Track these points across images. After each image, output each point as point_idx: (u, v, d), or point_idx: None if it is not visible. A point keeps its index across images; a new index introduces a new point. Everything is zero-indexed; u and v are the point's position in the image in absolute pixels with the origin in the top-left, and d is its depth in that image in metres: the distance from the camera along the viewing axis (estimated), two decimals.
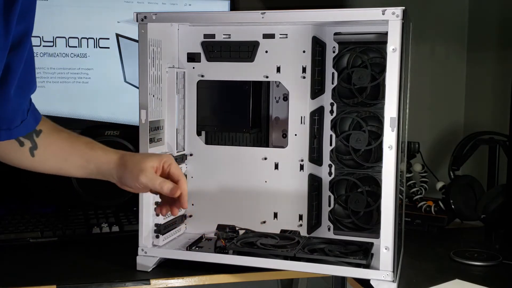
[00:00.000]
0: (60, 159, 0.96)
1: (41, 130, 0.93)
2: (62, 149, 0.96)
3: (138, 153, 1.05)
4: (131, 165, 0.97)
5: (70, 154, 0.96)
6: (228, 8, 1.58)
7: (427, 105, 1.77)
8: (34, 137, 0.92)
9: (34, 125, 0.91)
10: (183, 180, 0.98)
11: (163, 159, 0.99)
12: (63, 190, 1.51)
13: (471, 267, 1.16)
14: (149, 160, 0.97)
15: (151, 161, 0.97)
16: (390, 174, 0.98)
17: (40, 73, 1.48)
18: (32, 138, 0.92)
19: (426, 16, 1.76)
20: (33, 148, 0.92)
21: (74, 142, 0.97)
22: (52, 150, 0.95)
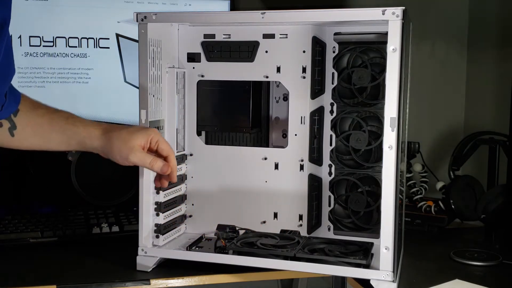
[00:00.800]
0: (40, 137, 0.95)
1: (18, 110, 0.91)
2: (41, 127, 0.94)
3: (122, 128, 0.99)
4: (118, 144, 0.96)
5: (50, 132, 0.95)
6: (228, 8, 1.58)
7: (427, 105, 1.77)
8: (12, 117, 0.91)
9: (14, 106, 0.89)
10: (172, 156, 0.99)
11: (150, 135, 0.98)
12: (63, 190, 1.51)
13: (471, 267, 1.16)
14: (136, 137, 0.96)
15: (138, 139, 0.96)
16: (390, 174, 0.98)
17: (40, 73, 1.48)
18: (10, 118, 0.90)
19: (426, 16, 1.76)
20: (12, 128, 0.91)
21: (53, 119, 0.94)
22: (31, 129, 0.93)
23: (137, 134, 0.97)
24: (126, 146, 0.96)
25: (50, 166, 1.54)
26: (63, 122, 0.95)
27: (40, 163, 1.55)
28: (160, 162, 0.98)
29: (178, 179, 1.18)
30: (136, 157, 0.96)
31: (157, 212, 1.12)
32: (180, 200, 1.21)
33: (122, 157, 0.96)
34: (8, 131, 0.91)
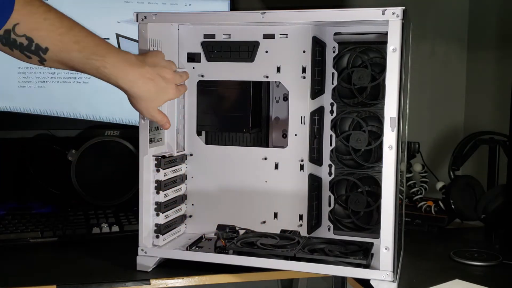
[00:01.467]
0: (68, 67, 0.95)
1: (47, 48, 0.89)
2: (72, 67, 0.94)
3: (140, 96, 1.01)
4: (139, 109, 1.04)
5: (82, 72, 0.96)
6: (228, 8, 1.58)
7: (427, 105, 1.77)
8: (40, 54, 0.89)
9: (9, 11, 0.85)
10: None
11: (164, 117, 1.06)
12: (63, 190, 1.52)
13: (471, 267, 1.16)
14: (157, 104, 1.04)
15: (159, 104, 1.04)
16: (390, 174, 0.98)
17: (40, 73, 1.48)
18: (38, 54, 0.89)
19: (426, 16, 1.76)
20: (42, 61, 0.91)
21: (86, 65, 0.93)
22: (62, 65, 0.93)
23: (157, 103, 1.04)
24: (147, 115, 1.05)
25: (50, 166, 1.54)
26: (95, 71, 0.95)
27: (40, 163, 1.55)
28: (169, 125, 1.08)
29: (178, 179, 1.19)
30: (157, 120, 1.06)
31: (157, 212, 1.12)
32: (180, 200, 1.21)
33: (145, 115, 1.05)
34: (38, 63, 0.91)
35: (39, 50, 0.89)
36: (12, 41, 0.87)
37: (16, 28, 0.86)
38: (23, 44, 0.88)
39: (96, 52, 0.93)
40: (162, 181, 1.12)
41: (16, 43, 0.88)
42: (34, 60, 0.90)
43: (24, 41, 0.88)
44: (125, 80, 0.97)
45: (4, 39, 0.87)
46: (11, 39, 0.87)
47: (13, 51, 0.89)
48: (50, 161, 1.53)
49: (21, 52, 0.89)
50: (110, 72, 0.95)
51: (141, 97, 1.00)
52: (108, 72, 0.95)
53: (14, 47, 0.88)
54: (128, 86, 0.98)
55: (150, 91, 1.00)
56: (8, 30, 0.86)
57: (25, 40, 0.88)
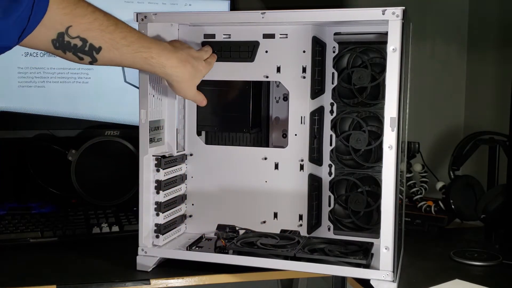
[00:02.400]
0: (118, 66, 1.00)
1: (100, 47, 0.91)
2: (121, 63, 0.97)
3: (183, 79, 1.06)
4: (182, 92, 1.09)
5: (128, 66, 1.00)
6: (228, 8, 1.58)
7: (427, 105, 1.77)
8: (94, 54, 0.92)
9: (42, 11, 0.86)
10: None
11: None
12: (63, 191, 1.51)
13: (471, 267, 1.16)
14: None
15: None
16: (390, 174, 0.98)
17: (40, 73, 1.48)
18: (91, 54, 0.92)
19: (426, 16, 1.76)
20: (93, 61, 0.93)
21: (135, 58, 0.97)
22: (111, 63, 0.97)
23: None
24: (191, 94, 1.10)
25: (50, 166, 1.54)
26: (143, 62, 0.98)
27: (40, 163, 1.55)
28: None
29: (178, 179, 1.19)
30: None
31: (157, 212, 1.12)
32: (180, 200, 1.21)
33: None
34: (88, 63, 0.94)
35: (93, 50, 0.91)
36: (66, 43, 0.89)
37: (69, 30, 0.88)
38: (77, 46, 0.90)
39: (142, 44, 0.97)
40: (162, 181, 1.12)
41: (70, 45, 0.89)
42: (85, 61, 0.93)
43: (78, 42, 0.89)
44: (170, 67, 1.01)
45: (58, 43, 0.88)
46: (65, 42, 0.88)
47: (66, 53, 0.90)
48: (50, 161, 1.53)
49: (74, 53, 0.91)
50: (156, 61, 0.99)
51: (184, 79, 1.05)
52: (155, 62, 0.99)
53: (67, 49, 0.90)
54: (173, 71, 1.02)
55: (190, 72, 1.05)
56: (62, 33, 0.87)
57: (79, 41, 0.89)
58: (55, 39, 0.87)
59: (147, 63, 0.99)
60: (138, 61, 0.98)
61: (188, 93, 1.09)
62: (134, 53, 0.96)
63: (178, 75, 1.03)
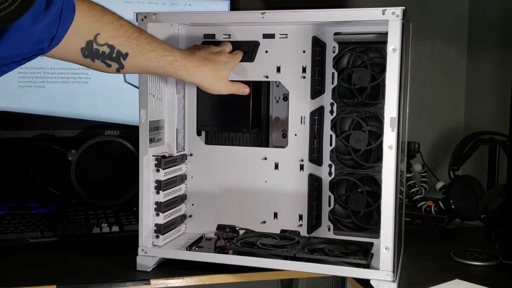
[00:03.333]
0: (143, 72, 1.04)
1: (128, 53, 0.94)
2: (147, 68, 1.00)
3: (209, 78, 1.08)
4: (216, 90, 1.10)
5: (154, 71, 1.02)
6: (228, 8, 1.58)
7: (427, 105, 1.77)
8: (121, 60, 0.94)
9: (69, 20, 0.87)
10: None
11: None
12: (63, 191, 1.51)
13: (471, 267, 1.16)
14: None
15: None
16: (390, 174, 0.98)
17: (40, 73, 1.48)
18: (119, 60, 0.94)
19: (426, 16, 1.76)
20: (120, 68, 0.95)
21: (160, 63, 0.99)
22: (137, 69, 1.00)
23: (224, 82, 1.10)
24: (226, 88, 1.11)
25: (50, 166, 1.54)
26: (168, 66, 1.01)
27: (40, 163, 1.55)
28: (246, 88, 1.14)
29: (178, 179, 1.19)
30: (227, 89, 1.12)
31: (157, 212, 1.12)
32: (180, 200, 1.21)
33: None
34: (115, 70, 0.96)
35: (120, 57, 0.94)
36: (94, 51, 0.91)
37: (97, 38, 0.90)
38: (105, 53, 0.92)
39: (165, 49, 1.00)
40: (162, 181, 1.12)
41: (98, 53, 0.91)
42: (113, 68, 0.95)
43: (106, 49, 0.92)
44: (193, 67, 1.03)
45: (87, 51, 0.90)
46: (93, 50, 0.91)
47: (95, 61, 0.92)
48: (50, 161, 1.53)
49: (103, 61, 0.93)
50: (180, 64, 1.02)
51: (209, 76, 1.06)
52: (179, 64, 1.01)
53: (96, 57, 0.92)
54: (196, 71, 1.04)
55: (213, 67, 1.06)
56: (90, 41, 0.90)
57: (107, 48, 0.92)
58: (84, 47, 0.90)
59: (173, 67, 1.01)
60: (164, 65, 1.00)
61: (221, 88, 1.10)
62: (159, 58, 0.99)
63: (202, 73, 1.05)
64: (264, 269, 1.07)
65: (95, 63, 0.92)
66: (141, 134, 1.10)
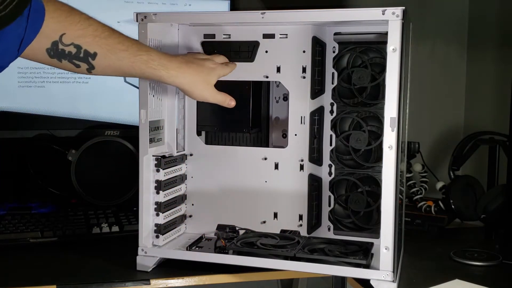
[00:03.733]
0: (117, 73, 0.99)
1: (96, 53, 0.91)
2: (120, 68, 0.96)
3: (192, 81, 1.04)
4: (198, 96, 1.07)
5: (129, 72, 0.98)
6: (228, 8, 1.58)
7: (427, 105, 1.77)
8: (89, 60, 0.91)
9: (39, 24, 0.86)
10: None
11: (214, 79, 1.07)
12: (63, 190, 1.51)
13: (471, 267, 1.16)
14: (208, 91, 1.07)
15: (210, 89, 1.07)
16: (390, 174, 0.98)
17: (40, 73, 1.48)
18: (87, 60, 0.91)
19: (426, 16, 1.76)
20: (90, 68, 0.92)
21: (134, 63, 0.95)
22: (110, 70, 0.95)
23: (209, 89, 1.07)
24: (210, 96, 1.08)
25: (50, 166, 1.54)
26: (144, 66, 0.97)
27: (40, 163, 1.55)
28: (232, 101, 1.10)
29: (178, 179, 1.19)
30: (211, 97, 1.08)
31: (157, 212, 1.12)
32: (180, 200, 1.21)
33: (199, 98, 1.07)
34: (86, 71, 0.93)
35: (88, 56, 0.91)
36: (60, 51, 0.89)
37: (63, 38, 0.88)
38: (72, 53, 0.90)
39: (140, 47, 0.96)
40: (162, 181, 1.12)
41: (64, 53, 0.89)
42: (82, 68, 0.92)
43: (72, 49, 0.89)
44: (173, 68, 0.99)
45: (52, 51, 0.88)
46: (59, 50, 0.89)
47: (62, 61, 0.90)
48: (50, 161, 1.53)
49: (70, 61, 0.90)
50: (158, 63, 0.97)
51: (192, 79, 1.02)
52: (157, 64, 0.97)
53: (62, 57, 0.89)
54: (178, 73, 1.00)
55: (196, 70, 1.03)
56: (56, 41, 0.88)
57: (73, 48, 0.89)
58: (49, 48, 0.88)
59: (149, 66, 0.97)
60: (139, 65, 0.96)
61: (205, 94, 1.06)
62: (133, 57, 0.95)
63: (183, 75, 1.01)
64: (264, 269, 1.07)
65: (62, 63, 0.90)
66: (141, 134, 1.10)
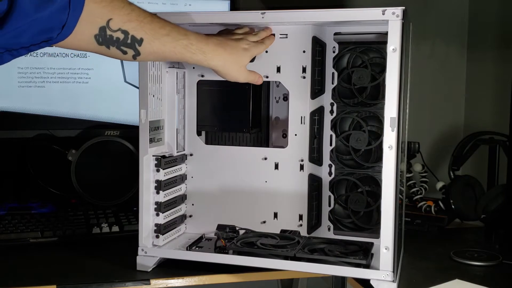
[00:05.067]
0: (160, 59, 1.01)
1: (142, 39, 0.92)
2: (163, 54, 0.96)
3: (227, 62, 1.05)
4: (232, 76, 1.07)
5: (171, 57, 0.99)
6: (228, 8, 1.58)
7: (427, 105, 1.77)
8: (136, 46, 0.92)
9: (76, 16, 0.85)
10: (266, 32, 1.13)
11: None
12: (63, 190, 1.51)
13: (471, 267, 1.16)
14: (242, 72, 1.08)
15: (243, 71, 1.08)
16: (390, 174, 0.98)
17: (40, 73, 1.48)
18: (134, 46, 0.91)
19: (426, 16, 1.76)
20: (136, 55, 0.93)
21: (176, 47, 0.96)
22: (154, 56, 0.96)
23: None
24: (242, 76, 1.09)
25: (50, 166, 1.54)
26: (184, 50, 0.98)
27: (40, 163, 1.55)
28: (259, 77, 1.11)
29: (178, 179, 1.19)
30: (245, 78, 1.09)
31: (157, 212, 1.12)
32: (180, 200, 1.21)
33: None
34: (132, 58, 0.93)
35: (135, 42, 0.91)
36: (108, 37, 0.88)
37: (110, 23, 0.87)
38: (120, 39, 0.89)
39: (179, 32, 0.97)
40: (162, 181, 1.12)
41: (113, 39, 0.89)
42: (129, 55, 0.92)
43: (120, 35, 0.89)
44: (209, 51, 1.00)
45: (101, 38, 0.88)
46: (107, 36, 0.88)
47: (110, 48, 0.90)
48: (50, 161, 1.53)
49: (118, 47, 0.90)
50: (196, 48, 0.98)
51: (226, 61, 1.03)
52: (195, 48, 0.98)
53: (111, 44, 0.89)
54: (213, 55, 1.01)
55: (231, 52, 1.03)
56: (103, 27, 0.87)
57: (120, 34, 0.89)
58: (97, 34, 0.87)
59: (188, 51, 0.98)
60: (180, 50, 0.97)
61: (239, 75, 1.07)
62: (174, 42, 0.96)
63: (219, 57, 1.02)
64: (264, 269, 1.07)
65: (110, 50, 0.90)
66: (141, 134, 1.10)
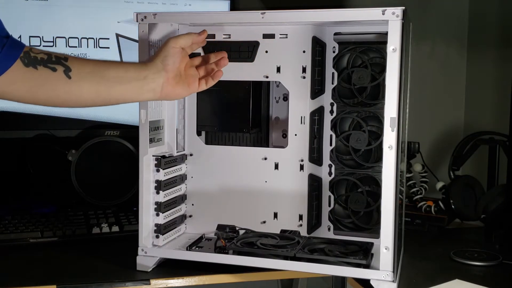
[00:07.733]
0: (97, 76, 0.96)
1: (66, 57, 0.93)
2: (95, 67, 0.96)
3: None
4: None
5: (107, 70, 0.96)
6: (228, 8, 1.58)
7: (427, 105, 1.77)
8: (62, 62, 0.92)
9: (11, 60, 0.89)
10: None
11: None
12: (63, 190, 1.51)
13: (471, 267, 1.16)
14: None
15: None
16: (390, 174, 0.98)
17: None
18: (61, 63, 0.92)
19: (426, 16, 1.76)
20: (67, 70, 0.92)
21: (106, 62, 0.97)
22: (87, 70, 0.95)
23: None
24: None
25: (50, 166, 1.54)
26: (115, 66, 0.98)
27: (40, 163, 1.55)
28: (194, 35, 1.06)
29: (178, 179, 1.19)
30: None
31: (157, 212, 1.12)
32: (180, 200, 1.21)
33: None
34: (63, 73, 0.92)
35: (61, 59, 0.92)
36: (33, 58, 0.90)
37: (32, 49, 0.91)
38: (44, 59, 0.91)
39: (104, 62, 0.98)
40: (162, 181, 1.12)
41: (37, 59, 0.91)
42: (59, 71, 0.92)
43: (43, 56, 0.91)
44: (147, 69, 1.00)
45: (26, 59, 0.90)
46: (31, 57, 0.90)
47: (38, 68, 0.91)
48: (50, 161, 1.53)
49: (45, 66, 0.91)
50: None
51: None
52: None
53: (37, 63, 0.91)
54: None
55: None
56: (27, 51, 0.90)
57: (44, 55, 0.91)
58: (22, 57, 0.89)
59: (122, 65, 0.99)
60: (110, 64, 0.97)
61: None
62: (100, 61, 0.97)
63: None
64: (264, 269, 1.07)
65: (39, 70, 0.91)
66: (141, 134, 1.10)
